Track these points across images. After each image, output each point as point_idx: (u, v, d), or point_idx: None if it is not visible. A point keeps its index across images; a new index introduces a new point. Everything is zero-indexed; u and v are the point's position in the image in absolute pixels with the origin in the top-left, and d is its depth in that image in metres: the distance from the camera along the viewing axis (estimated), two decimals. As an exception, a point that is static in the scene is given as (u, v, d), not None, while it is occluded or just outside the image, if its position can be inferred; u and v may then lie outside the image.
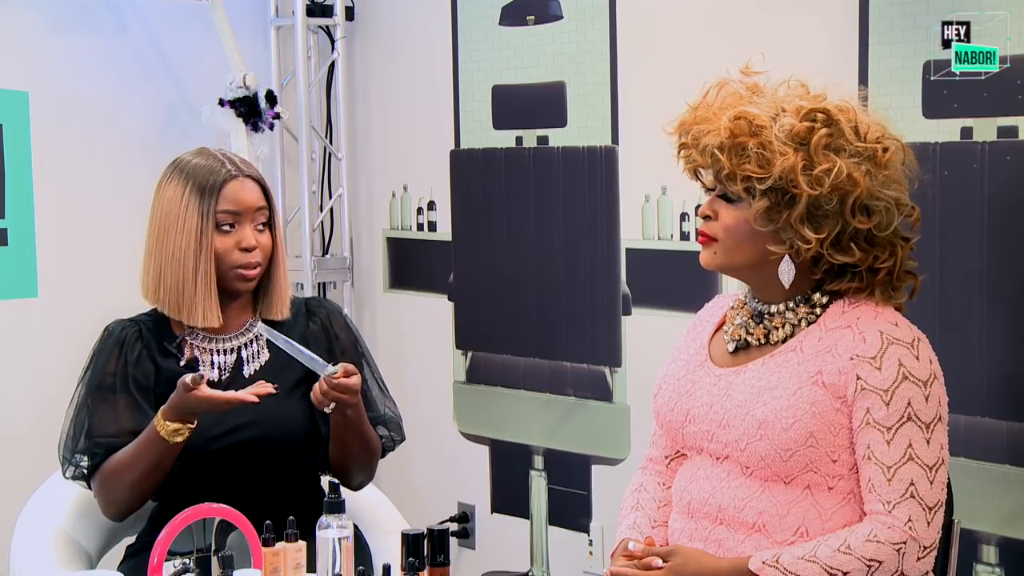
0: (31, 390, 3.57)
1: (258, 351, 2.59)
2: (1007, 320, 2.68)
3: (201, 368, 2.55)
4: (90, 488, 2.52)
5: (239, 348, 2.58)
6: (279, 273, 2.59)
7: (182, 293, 2.51)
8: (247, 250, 2.52)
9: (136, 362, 2.53)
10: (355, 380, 2.42)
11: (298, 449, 2.55)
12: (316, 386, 2.42)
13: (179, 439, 2.40)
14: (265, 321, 2.59)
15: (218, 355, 2.57)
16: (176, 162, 2.57)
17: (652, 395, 2.34)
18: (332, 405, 2.42)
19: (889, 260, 2.16)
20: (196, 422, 2.41)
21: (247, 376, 2.56)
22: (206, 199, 2.50)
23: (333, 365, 2.41)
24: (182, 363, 2.54)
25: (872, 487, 2.08)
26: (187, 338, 2.56)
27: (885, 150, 2.14)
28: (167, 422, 2.39)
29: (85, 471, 2.50)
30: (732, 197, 2.17)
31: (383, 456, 2.64)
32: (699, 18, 3.17)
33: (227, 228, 2.51)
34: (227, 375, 2.56)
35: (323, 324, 2.64)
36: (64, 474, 2.53)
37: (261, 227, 2.55)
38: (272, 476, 2.52)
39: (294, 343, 2.45)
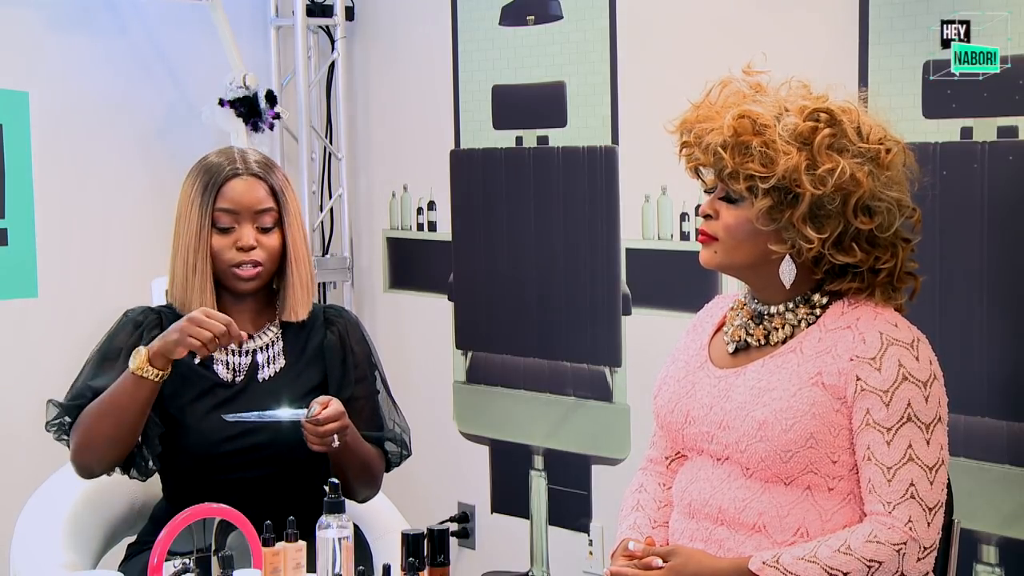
0: (31, 390, 3.55)
1: (274, 356, 2.57)
2: (1007, 320, 2.68)
3: (215, 366, 2.53)
4: (68, 445, 2.47)
5: (255, 351, 2.56)
6: (292, 275, 2.55)
7: (183, 290, 2.51)
8: (243, 250, 2.50)
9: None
10: (334, 408, 2.38)
11: (308, 456, 2.52)
12: (306, 435, 2.38)
13: (142, 375, 2.35)
14: (283, 323, 2.58)
15: (233, 355, 2.55)
16: (200, 159, 2.57)
17: (652, 396, 2.34)
18: (335, 439, 2.37)
19: (890, 261, 2.16)
20: (169, 369, 2.37)
21: (261, 380, 2.54)
22: (207, 197, 2.50)
23: (305, 408, 2.38)
24: (196, 359, 2.50)
25: (872, 488, 2.08)
26: None
27: (888, 151, 2.13)
28: (143, 347, 2.37)
29: (68, 426, 2.45)
30: (734, 196, 2.17)
31: (388, 470, 2.63)
32: (699, 18, 3.17)
33: (225, 227, 2.50)
34: (241, 377, 2.54)
35: (340, 335, 2.61)
36: (47, 428, 2.48)
37: (267, 228, 2.52)
38: (280, 480, 2.51)
39: (266, 413, 2.41)
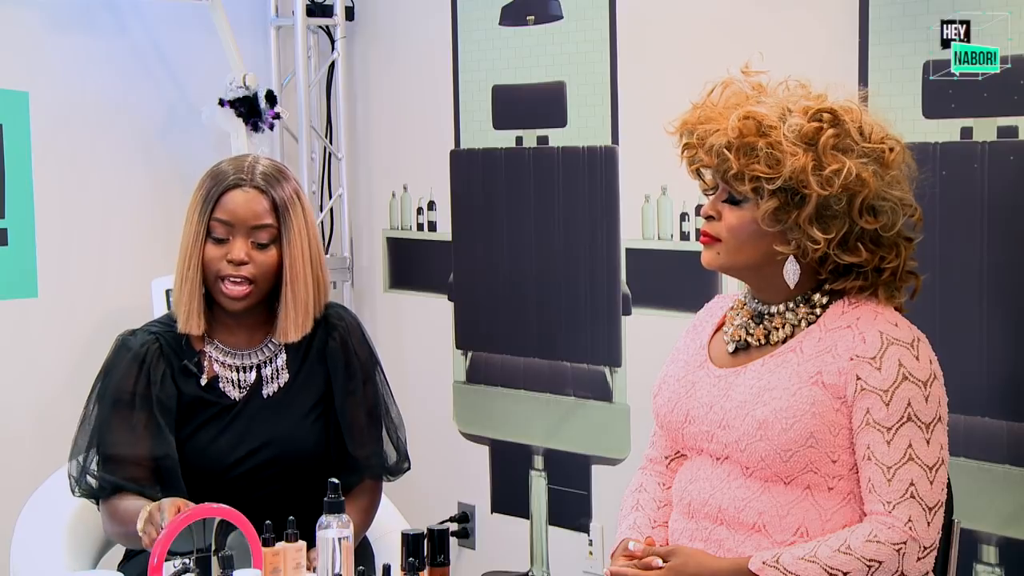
0: (31, 390, 3.57)
1: (278, 371, 2.53)
2: (1007, 320, 2.68)
3: (222, 385, 2.49)
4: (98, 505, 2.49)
5: (259, 366, 2.53)
6: (287, 296, 2.48)
7: (177, 299, 2.49)
8: (233, 263, 2.43)
9: (160, 382, 2.46)
10: None
11: (311, 469, 2.50)
12: None
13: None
14: (274, 343, 2.54)
15: (238, 372, 2.51)
16: (214, 164, 2.52)
17: (652, 396, 2.34)
18: None
19: (895, 260, 2.16)
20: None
21: (265, 397, 2.52)
22: (207, 205, 2.45)
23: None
24: (203, 382, 2.49)
25: (872, 487, 2.08)
26: (207, 351, 2.51)
27: (890, 150, 2.14)
28: (148, 506, 2.25)
29: (96, 492, 2.46)
30: (737, 197, 2.16)
31: (391, 477, 2.64)
32: (699, 18, 3.17)
33: (219, 237, 2.45)
34: (245, 394, 2.51)
35: (342, 340, 2.57)
36: (73, 492, 2.48)
37: (263, 244, 2.46)
38: (285, 495, 2.49)
39: None
